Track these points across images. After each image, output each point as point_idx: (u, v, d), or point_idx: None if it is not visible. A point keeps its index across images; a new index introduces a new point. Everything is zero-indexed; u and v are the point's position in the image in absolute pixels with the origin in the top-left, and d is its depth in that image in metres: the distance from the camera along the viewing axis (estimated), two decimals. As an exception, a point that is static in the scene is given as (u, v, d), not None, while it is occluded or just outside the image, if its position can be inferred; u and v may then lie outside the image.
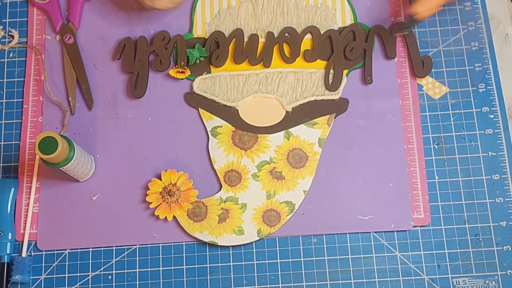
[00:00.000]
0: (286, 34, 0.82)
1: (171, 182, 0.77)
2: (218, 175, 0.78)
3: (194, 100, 0.81)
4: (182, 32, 0.84)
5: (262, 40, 0.83)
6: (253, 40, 0.82)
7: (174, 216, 0.77)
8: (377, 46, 0.82)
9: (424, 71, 0.81)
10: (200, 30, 0.84)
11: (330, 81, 0.80)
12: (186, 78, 0.81)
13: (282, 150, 0.79)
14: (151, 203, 0.77)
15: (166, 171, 0.77)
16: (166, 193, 0.77)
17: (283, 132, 0.79)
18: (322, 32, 0.82)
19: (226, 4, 0.84)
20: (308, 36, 0.83)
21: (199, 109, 0.81)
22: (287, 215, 0.77)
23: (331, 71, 0.81)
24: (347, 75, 0.81)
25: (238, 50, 0.82)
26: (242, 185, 0.78)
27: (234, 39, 0.82)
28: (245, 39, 0.82)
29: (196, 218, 0.77)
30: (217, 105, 0.80)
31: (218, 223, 0.77)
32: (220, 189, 0.78)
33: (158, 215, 0.76)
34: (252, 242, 0.77)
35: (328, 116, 0.79)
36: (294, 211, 0.77)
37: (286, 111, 0.80)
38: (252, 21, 0.83)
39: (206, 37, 0.83)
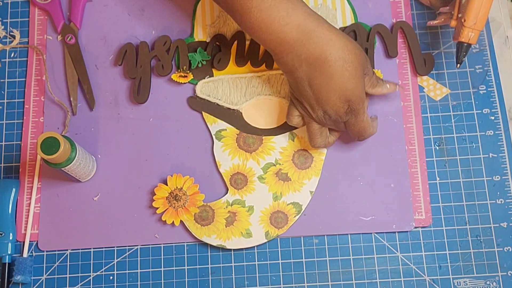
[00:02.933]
0: None
1: (177, 187, 0.77)
2: (224, 179, 0.78)
3: (197, 104, 0.81)
4: (183, 36, 0.83)
5: None
6: (255, 42, 0.82)
7: (181, 221, 0.77)
8: (378, 46, 0.83)
9: (426, 69, 0.81)
10: (201, 34, 0.83)
11: None
12: (188, 82, 0.81)
13: (287, 151, 0.79)
14: (153, 201, 0.77)
15: (172, 176, 0.77)
16: (173, 198, 0.76)
17: (288, 133, 0.79)
18: None
19: None
20: None
21: (203, 112, 0.81)
22: (295, 216, 0.77)
23: None
24: None
25: (240, 52, 0.82)
26: (249, 187, 0.78)
27: (235, 42, 0.82)
28: (247, 42, 0.82)
29: (204, 222, 0.77)
30: (221, 108, 0.80)
31: (226, 227, 0.77)
32: (227, 193, 0.78)
33: (165, 219, 0.76)
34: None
35: None
36: (301, 212, 0.77)
37: None
38: None
39: (207, 41, 0.83)
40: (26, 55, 0.84)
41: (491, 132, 0.80)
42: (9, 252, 0.76)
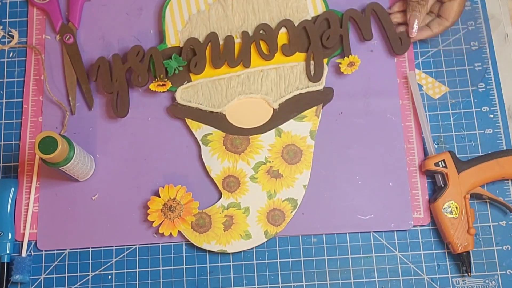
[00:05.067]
0: (261, 31, 0.81)
1: (170, 198, 0.76)
2: (216, 183, 0.78)
3: (179, 111, 0.80)
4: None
5: (238, 40, 0.81)
6: (229, 42, 0.81)
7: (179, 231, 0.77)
8: (352, 30, 0.82)
9: (403, 48, 0.80)
10: (173, 39, 0.82)
11: (312, 72, 0.80)
12: (168, 90, 0.80)
13: (276, 148, 0.79)
14: (148, 213, 0.76)
15: (163, 187, 0.77)
16: (167, 209, 0.76)
17: (273, 130, 0.79)
18: (296, 24, 0.81)
19: (195, 9, 0.83)
20: (283, 30, 0.81)
21: (186, 119, 0.80)
22: (291, 212, 0.77)
23: (312, 62, 0.80)
24: (327, 64, 0.80)
25: (215, 54, 0.81)
26: (242, 189, 0.78)
27: (209, 44, 0.81)
28: (221, 42, 0.81)
29: (201, 229, 0.77)
30: (204, 112, 0.79)
31: (224, 231, 0.76)
32: (221, 197, 0.78)
33: (162, 231, 0.76)
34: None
35: (315, 107, 0.79)
36: (297, 207, 0.77)
37: (273, 109, 0.79)
38: (224, 22, 0.82)
39: (180, 46, 0.81)
40: (25, 55, 0.84)
41: (490, 130, 0.80)
42: (7, 252, 0.76)
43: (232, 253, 0.77)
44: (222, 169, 0.78)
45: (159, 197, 0.76)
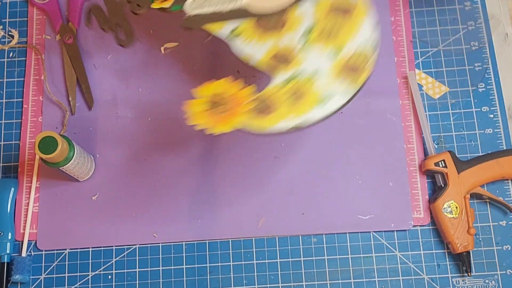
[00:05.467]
0: None
1: (215, 93, 0.62)
2: (262, 67, 0.65)
3: (195, 22, 0.68)
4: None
5: None
6: None
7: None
8: None
9: None
10: None
11: None
12: (172, 9, 0.70)
13: (319, 13, 0.66)
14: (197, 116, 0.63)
15: (202, 86, 0.63)
16: (214, 105, 0.62)
17: (308, 1, 0.67)
18: None
19: None
20: None
21: (205, 25, 0.68)
22: (370, 57, 0.65)
23: None
24: None
25: None
26: (298, 59, 0.65)
27: None
28: None
29: (264, 113, 0.62)
30: (222, 15, 0.67)
31: (293, 106, 0.63)
32: (275, 77, 0.64)
33: (213, 131, 0.62)
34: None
35: None
36: (376, 49, 0.65)
37: None
38: None
39: None
40: (25, 55, 0.84)
41: (490, 130, 0.80)
42: (7, 252, 0.76)
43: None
44: (266, 50, 0.65)
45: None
